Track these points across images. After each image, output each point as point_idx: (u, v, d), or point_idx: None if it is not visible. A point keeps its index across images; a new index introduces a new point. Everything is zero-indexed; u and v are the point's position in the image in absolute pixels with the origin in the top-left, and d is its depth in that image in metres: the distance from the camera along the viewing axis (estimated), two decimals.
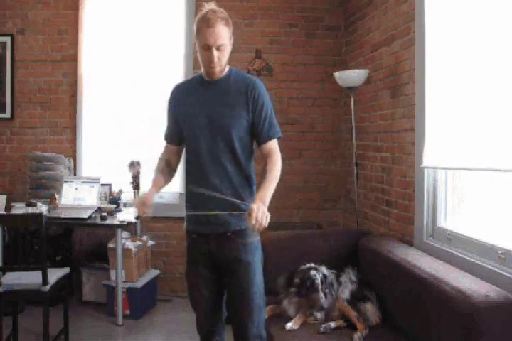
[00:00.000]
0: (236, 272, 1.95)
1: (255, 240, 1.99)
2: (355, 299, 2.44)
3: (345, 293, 2.48)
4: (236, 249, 1.94)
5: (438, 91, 2.50)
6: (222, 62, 1.90)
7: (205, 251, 1.98)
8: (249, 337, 1.97)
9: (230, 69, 2.00)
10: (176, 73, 4.06)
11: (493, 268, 2.03)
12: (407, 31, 2.89)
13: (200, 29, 1.86)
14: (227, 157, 1.92)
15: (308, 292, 2.43)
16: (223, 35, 1.85)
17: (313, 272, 2.47)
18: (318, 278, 2.45)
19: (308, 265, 2.57)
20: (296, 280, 2.49)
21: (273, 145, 1.98)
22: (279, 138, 2.00)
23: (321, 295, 2.40)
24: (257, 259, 1.98)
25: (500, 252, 2.04)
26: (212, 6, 1.90)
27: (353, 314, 2.37)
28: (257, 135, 1.96)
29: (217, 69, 1.91)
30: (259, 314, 1.98)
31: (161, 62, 4.16)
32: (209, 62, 1.88)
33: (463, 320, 1.74)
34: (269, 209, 2.08)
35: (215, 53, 1.85)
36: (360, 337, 2.23)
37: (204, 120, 1.93)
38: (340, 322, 2.37)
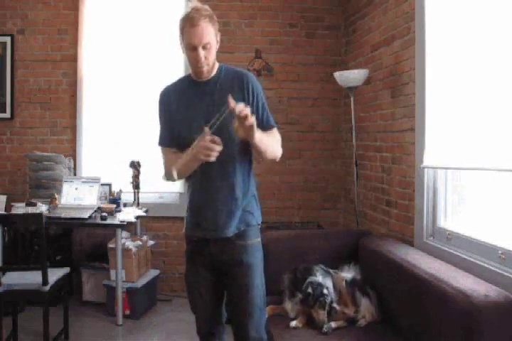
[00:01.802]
0: (237, 274, 1.93)
1: (256, 241, 1.98)
2: (356, 287, 2.49)
3: (348, 275, 2.55)
4: (237, 251, 1.93)
5: (438, 91, 2.50)
6: (209, 61, 1.85)
7: (206, 253, 1.96)
8: (250, 340, 1.95)
9: (220, 67, 1.95)
10: (177, 73, 4.05)
11: (493, 268, 2.03)
12: (407, 31, 2.89)
13: (184, 29, 1.81)
14: (226, 157, 1.86)
15: (315, 305, 2.39)
16: (208, 32, 1.80)
17: (325, 291, 2.41)
18: (329, 299, 2.40)
19: (317, 278, 2.49)
20: (309, 291, 2.41)
21: (273, 130, 1.97)
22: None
23: (325, 315, 2.36)
24: (257, 261, 1.97)
25: (500, 252, 2.04)
26: (195, 3, 1.85)
27: (346, 294, 2.46)
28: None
29: (205, 68, 1.86)
30: (259, 316, 1.97)
31: (161, 61, 4.17)
32: (196, 62, 1.83)
33: (463, 319, 1.74)
34: (270, 209, 2.08)
35: (202, 53, 1.80)
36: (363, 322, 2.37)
37: (202, 122, 1.85)
38: (341, 323, 2.38)
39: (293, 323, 2.36)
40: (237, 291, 1.94)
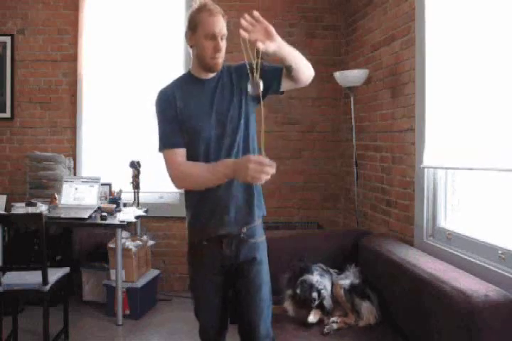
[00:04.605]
0: (249, 272, 1.92)
1: (263, 239, 2.00)
2: (355, 293, 2.47)
3: (346, 282, 2.53)
4: (250, 249, 1.93)
5: (438, 91, 2.50)
6: (223, 54, 1.85)
7: (218, 256, 1.92)
8: (260, 338, 1.93)
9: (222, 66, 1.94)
10: (177, 73, 4.03)
11: (493, 268, 2.03)
12: (407, 31, 2.89)
13: (202, 18, 1.79)
14: (244, 154, 1.85)
15: (302, 306, 2.46)
16: (224, 26, 1.82)
17: (314, 294, 2.44)
18: (316, 302, 2.44)
19: (314, 280, 2.51)
20: (297, 291, 2.47)
21: None
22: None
23: (311, 316, 2.40)
24: (265, 258, 1.98)
25: (500, 252, 2.04)
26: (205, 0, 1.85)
27: (345, 303, 2.44)
28: (275, 77, 1.89)
29: (221, 60, 1.85)
30: (268, 313, 1.96)
31: (161, 61, 4.17)
32: (214, 52, 1.81)
33: (463, 319, 1.74)
34: (270, 209, 2.07)
35: (221, 43, 1.81)
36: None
37: (214, 120, 1.85)
38: (342, 324, 2.38)
39: (310, 318, 2.38)
40: (249, 289, 1.92)
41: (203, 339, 2.05)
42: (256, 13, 1.59)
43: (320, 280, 2.51)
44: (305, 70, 1.89)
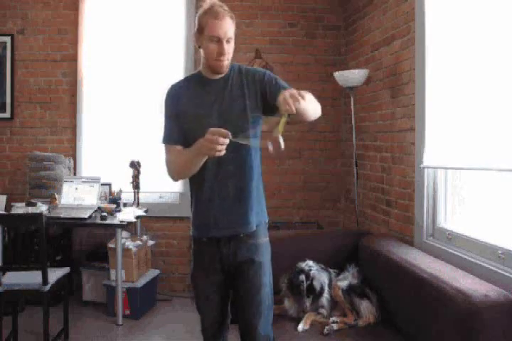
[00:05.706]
0: (248, 273, 1.92)
1: (265, 240, 1.99)
2: (354, 293, 2.49)
3: (344, 283, 2.54)
4: (249, 250, 1.92)
5: (438, 91, 2.50)
6: (230, 55, 1.86)
7: (217, 254, 1.93)
8: (258, 339, 1.94)
9: (232, 66, 1.94)
10: (177, 72, 4.06)
11: (493, 268, 2.03)
12: (407, 31, 2.89)
13: (208, 21, 1.79)
14: (236, 157, 1.85)
15: (297, 293, 2.48)
16: (232, 29, 1.82)
17: (302, 277, 2.49)
18: (305, 285, 2.47)
19: (304, 264, 2.59)
20: (291, 276, 2.52)
21: None
22: None
23: (305, 300, 2.43)
24: (267, 259, 1.97)
25: (500, 252, 2.04)
26: (213, 0, 1.85)
27: (344, 303, 2.46)
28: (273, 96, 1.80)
29: (226, 62, 1.85)
30: (267, 315, 1.96)
31: (161, 61, 4.17)
32: (218, 55, 1.81)
33: (463, 319, 1.75)
34: (270, 209, 2.08)
35: (226, 46, 1.81)
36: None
37: (216, 120, 1.84)
38: (342, 325, 2.38)
39: (300, 327, 2.37)
40: (248, 291, 1.92)
41: (204, 335, 2.06)
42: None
43: (311, 264, 2.58)
44: (309, 117, 1.88)
